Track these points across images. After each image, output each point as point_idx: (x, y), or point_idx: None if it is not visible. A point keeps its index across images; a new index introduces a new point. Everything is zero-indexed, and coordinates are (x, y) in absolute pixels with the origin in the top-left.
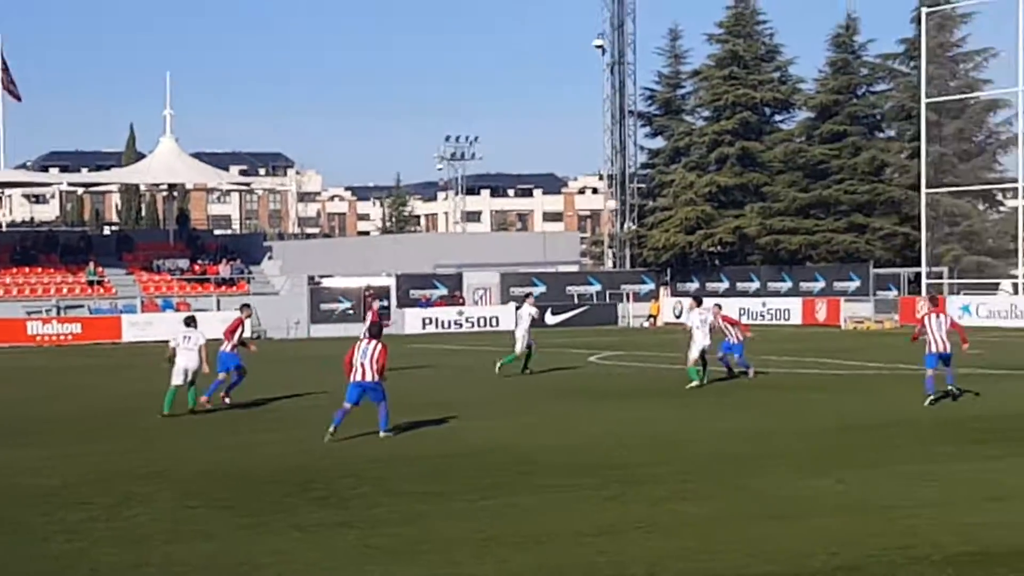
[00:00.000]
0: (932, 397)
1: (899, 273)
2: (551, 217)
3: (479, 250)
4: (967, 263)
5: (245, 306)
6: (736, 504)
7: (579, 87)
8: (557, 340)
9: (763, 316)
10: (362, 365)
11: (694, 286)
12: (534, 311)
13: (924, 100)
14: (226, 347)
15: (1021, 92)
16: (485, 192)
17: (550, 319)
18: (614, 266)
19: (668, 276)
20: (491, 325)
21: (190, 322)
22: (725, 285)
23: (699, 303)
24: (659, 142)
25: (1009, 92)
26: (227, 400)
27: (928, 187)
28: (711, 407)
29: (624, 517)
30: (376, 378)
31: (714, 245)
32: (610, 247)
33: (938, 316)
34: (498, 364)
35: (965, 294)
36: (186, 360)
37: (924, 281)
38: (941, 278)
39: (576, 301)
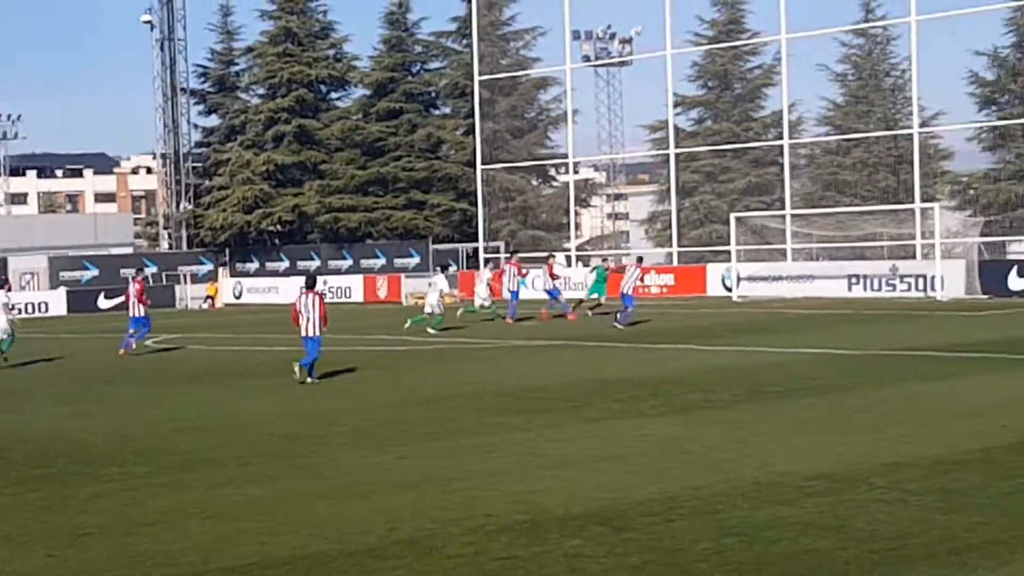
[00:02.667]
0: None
1: (458, 248)
2: (103, 198)
3: (25, 233)
4: (522, 237)
5: None
6: (297, 484)
7: (129, 64)
8: (111, 324)
9: (325, 295)
10: (308, 319)
11: (254, 266)
12: (444, 283)
13: (477, 78)
14: None
15: (569, 70)
16: (31, 173)
17: (104, 303)
18: (170, 248)
19: (227, 256)
20: (40, 311)
21: None
22: (286, 264)
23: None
24: (214, 120)
25: (558, 70)
26: None
27: (483, 163)
28: (271, 389)
29: (180, 503)
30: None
31: (273, 224)
32: (166, 228)
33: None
34: (409, 324)
35: (527, 266)
36: None
37: (482, 256)
38: (498, 252)
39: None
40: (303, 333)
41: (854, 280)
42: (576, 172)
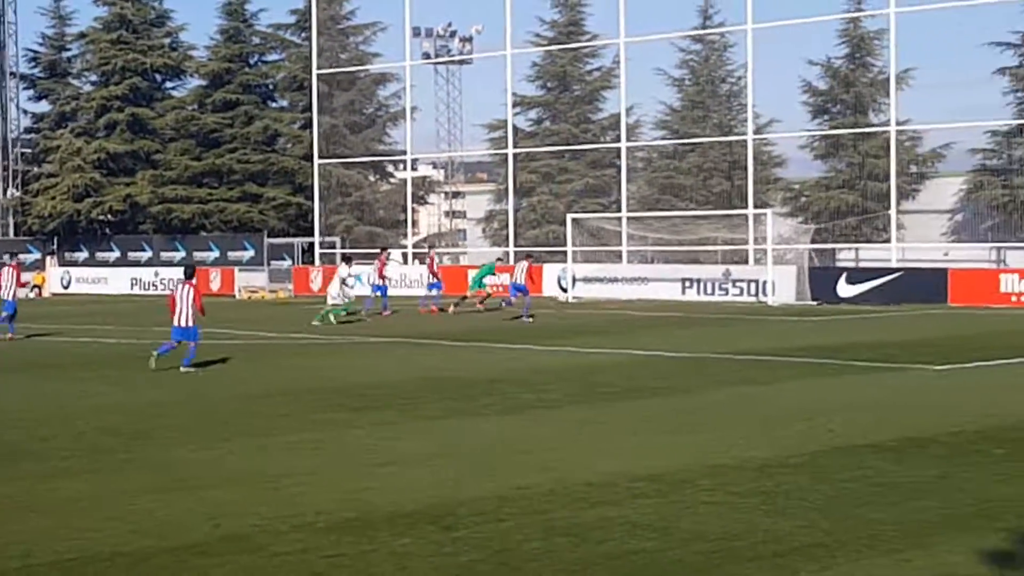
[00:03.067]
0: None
1: (293, 243)
2: None
3: None
4: (359, 233)
5: None
6: (121, 478)
7: None
8: None
9: (156, 286)
10: (182, 310)
11: (83, 256)
12: (345, 273)
13: (315, 71)
14: None
15: (409, 67)
16: None
17: None
18: None
19: (55, 245)
20: None
21: None
22: (116, 255)
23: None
24: (44, 106)
25: (397, 66)
26: None
27: (320, 158)
28: (99, 381)
29: (1, 497)
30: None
31: (104, 214)
32: None
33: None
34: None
35: (358, 263)
36: None
37: (317, 251)
38: (334, 247)
39: None
40: (176, 323)
41: (688, 283)
42: (414, 169)
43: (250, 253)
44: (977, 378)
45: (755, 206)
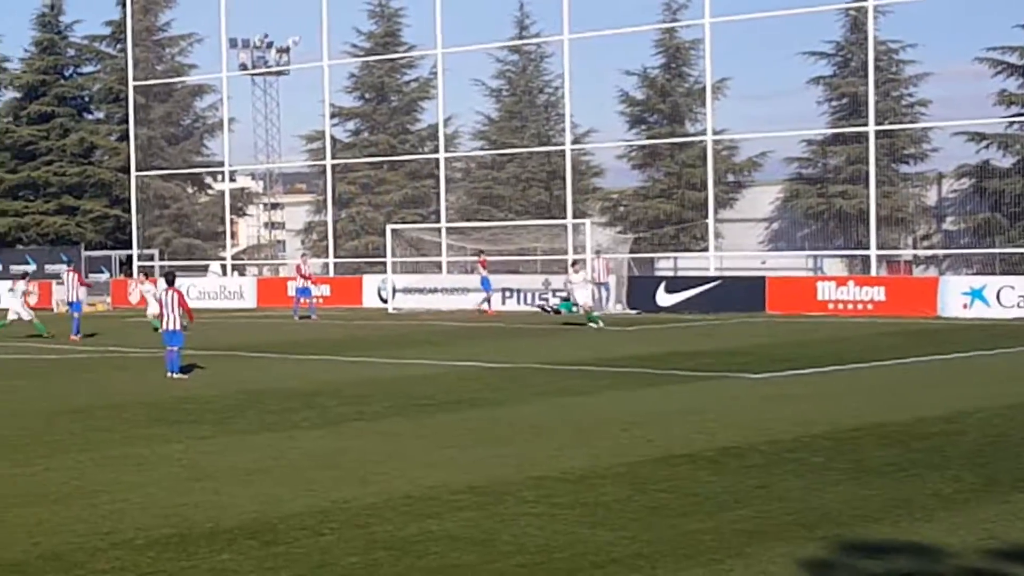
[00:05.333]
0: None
1: (111, 255)
2: None
3: None
4: (177, 245)
5: None
6: None
7: None
8: None
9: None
10: (168, 315)
11: None
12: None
13: (132, 83)
14: None
15: (225, 78)
16: None
17: None
18: None
19: None
20: None
21: None
22: None
23: None
24: None
25: (214, 77)
26: None
27: (137, 170)
28: None
29: None
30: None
31: None
32: None
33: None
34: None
35: (180, 275)
36: None
37: (136, 263)
38: (153, 260)
39: None
40: (165, 327)
41: (508, 293)
42: (232, 180)
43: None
44: (795, 386)
45: (574, 216)
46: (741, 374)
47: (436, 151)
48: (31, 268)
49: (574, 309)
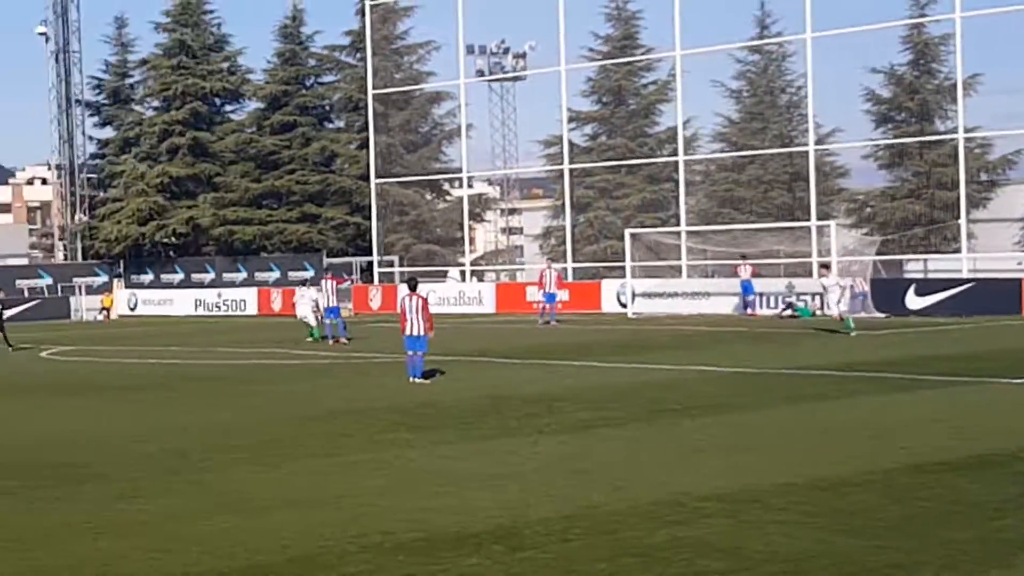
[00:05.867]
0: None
1: (352, 262)
2: None
3: None
4: (417, 251)
5: None
6: (188, 500)
7: (24, 74)
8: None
9: (219, 307)
10: (411, 320)
11: (148, 278)
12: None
13: (371, 91)
14: None
15: (463, 85)
16: None
17: None
18: (66, 259)
19: (121, 268)
20: None
21: None
22: (180, 276)
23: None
24: (109, 132)
25: (452, 84)
26: None
27: (377, 177)
28: (164, 403)
29: (72, 519)
30: (422, 331)
31: (168, 236)
32: (61, 239)
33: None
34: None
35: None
36: None
37: (376, 270)
38: (392, 266)
39: (26, 295)
40: (407, 332)
41: (750, 298)
42: (470, 186)
43: (310, 273)
44: None
45: (818, 218)
46: (998, 379)
47: (675, 154)
48: (309, 274)
49: (817, 314)
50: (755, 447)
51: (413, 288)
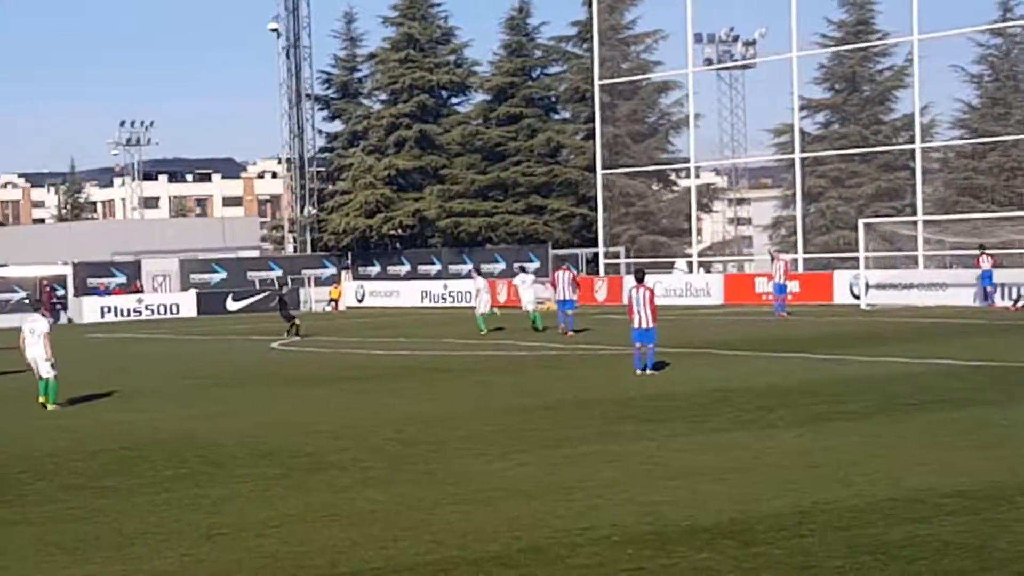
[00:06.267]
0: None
1: (577, 253)
2: (231, 202)
3: (157, 236)
4: (643, 242)
5: None
6: (418, 489)
7: (256, 70)
8: (239, 327)
9: (445, 299)
10: (639, 312)
11: (375, 270)
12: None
13: (597, 82)
14: None
15: (691, 74)
16: (163, 178)
17: (232, 305)
18: (295, 251)
19: (349, 260)
20: (171, 312)
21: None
22: (407, 268)
23: None
24: (337, 125)
25: (679, 74)
26: None
27: (603, 168)
28: (393, 393)
29: (307, 506)
30: (651, 323)
31: (395, 228)
32: (291, 232)
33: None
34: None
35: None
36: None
37: (602, 261)
38: (618, 258)
39: (257, 287)
40: (636, 325)
41: (990, 288)
42: (698, 176)
43: (535, 264)
44: None
45: None
46: None
47: (911, 141)
48: (534, 265)
49: None
50: (1001, 443)
51: (640, 280)
